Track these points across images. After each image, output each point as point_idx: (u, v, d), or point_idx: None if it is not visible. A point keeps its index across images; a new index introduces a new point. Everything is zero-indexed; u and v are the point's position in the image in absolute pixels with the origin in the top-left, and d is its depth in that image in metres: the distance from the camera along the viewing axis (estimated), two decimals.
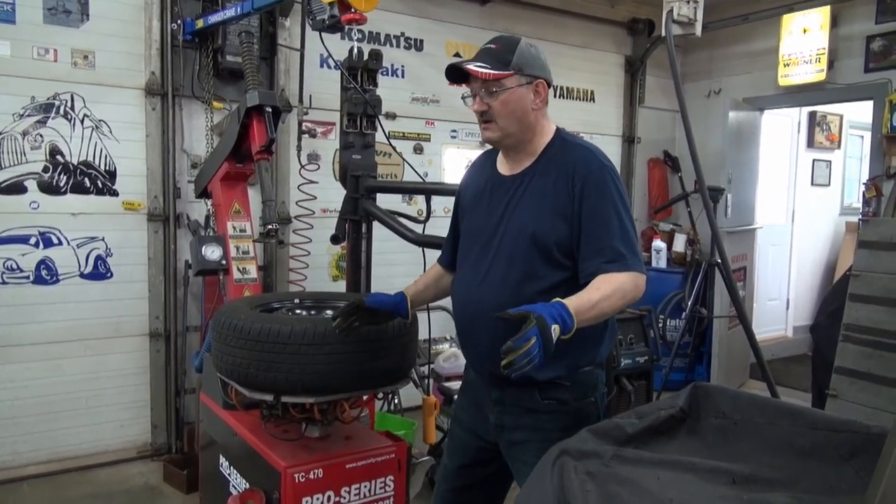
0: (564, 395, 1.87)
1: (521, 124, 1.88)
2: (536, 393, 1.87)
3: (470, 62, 1.85)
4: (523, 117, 1.87)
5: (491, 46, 1.88)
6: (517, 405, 1.91)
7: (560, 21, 5.64)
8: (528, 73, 1.86)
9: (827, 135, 7.15)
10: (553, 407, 1.87)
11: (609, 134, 6.12)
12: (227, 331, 2.20)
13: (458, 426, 2.13)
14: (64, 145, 3.78)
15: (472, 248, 1.98)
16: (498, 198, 1.94)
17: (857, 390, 3.64)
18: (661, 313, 5.63)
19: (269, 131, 3.09)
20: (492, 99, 1.85)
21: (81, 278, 3.87)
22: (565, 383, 1.87)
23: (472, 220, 2.02)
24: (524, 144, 1.92)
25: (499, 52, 1.85)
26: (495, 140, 1.91)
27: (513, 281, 1.84)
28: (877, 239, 3.70)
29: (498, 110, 1.85)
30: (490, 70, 1.81)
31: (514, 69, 1.83)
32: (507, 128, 1.87)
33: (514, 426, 1.91)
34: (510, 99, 1.84)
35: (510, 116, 1.86)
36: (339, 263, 4.64)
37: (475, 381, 2.05)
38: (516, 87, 1.84)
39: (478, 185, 2.04)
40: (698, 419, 1.51)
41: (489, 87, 1.84)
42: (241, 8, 3.49)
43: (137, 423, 4.09)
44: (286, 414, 2.31)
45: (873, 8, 5.10)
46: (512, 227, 1.87)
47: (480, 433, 2.03)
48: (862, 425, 1.29)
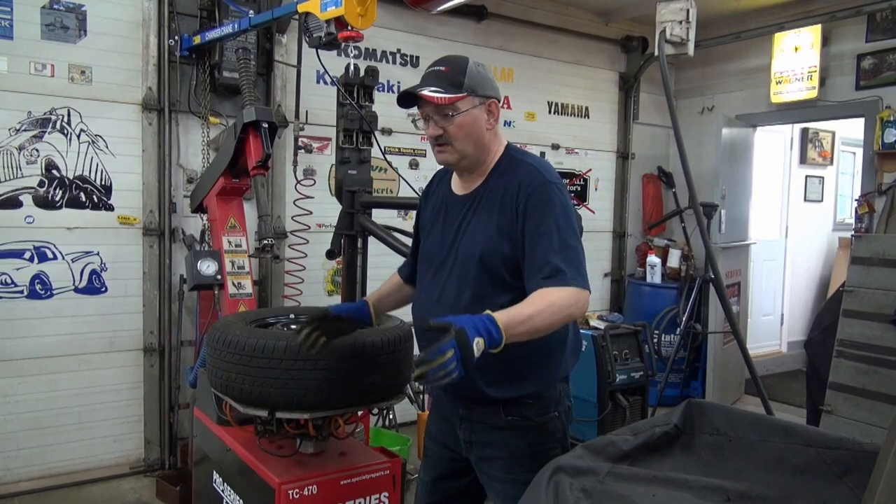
0: (527, 411, 1.88)
1: (476, 145, 1.87)
2: (500, 410, 1.88)
3: (421, 87, 1.82)
4: (479, 138, 1.87)
5: (440, 69, 1.86)
6: (483, 422, 1.92)
7: (554, 38, 5.70)
8: (481, 93, 1.86)
9: (819, 151, 7.21)
10: (517, 423, 1.88)
11: (603, 150, 6.16)
12: (221, 346, 2.19)
13: (431, 440, 2.15)
14: (60, 160, 3.79)
15: (428, 269, 2.00)
16: (451, 219, 1.95)
17: (851, 406, 3.64)
18: (657, 328, 5.63)
19: (266, 147, 3.10)
20: (446, 122, 1.83)
21: (76, 293, 3.86)
22: (528, 400, 1.88)
23: (427, 241, 2.04)
24: (479, 165, 1.92)
25: (449, 75, 1.83)
26: (452, 163, 1.90)
27: (464, 303, 1.83)
28: (869, 255, 3.73)
29: (454, 133, 1.84)
30: (444, 94, 1.80)
31: (467, 91, 1.82)
32: (463, 150, 1.86)
33: (482, 442, 1.93)
34: (465, 121, 1.83)
35: (466, 139, 1.85)
36: (335, 278, 4.65)
37: (443, 397, 2.06)
38: (470, 108, 1.83)
39: (435, 203, 2.06)
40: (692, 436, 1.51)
41: (443, 111, 1.83)
42: (238, 25, 3.52)
43: (131, 439, 4.07)
44: (280, 429, 2.30)
45: (863, 27, 5.17)
46: (463, 249, 1.88)
47: (452, 446, 2.04)
48: (855, 442, 1.30)
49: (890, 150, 4.91)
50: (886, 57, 5.04)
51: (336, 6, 2.66)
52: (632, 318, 5.34)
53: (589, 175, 6.06)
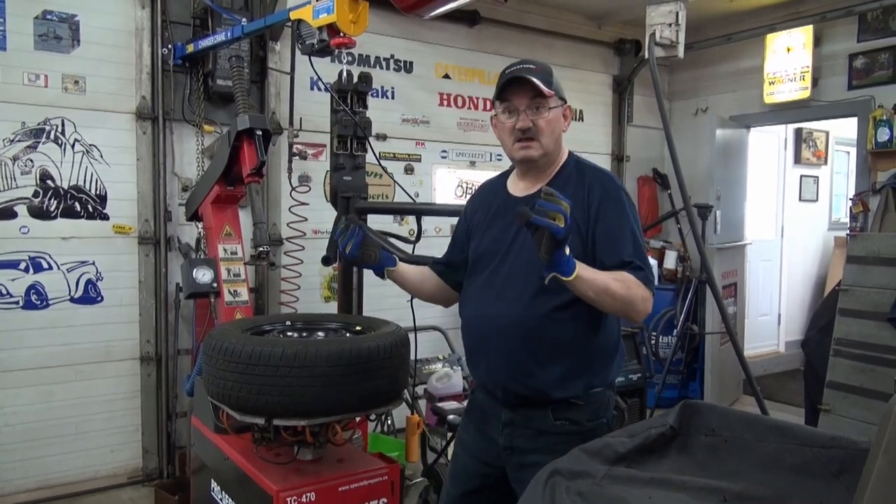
0: (578, 415, 1.85)
1: (556, 144, 1.92)
2: (549, 413, 1.85)
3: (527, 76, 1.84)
4: (558, 138, 1.92)
5: (531, 66, 1.89)
6: (528, 426, 1.88)
7: (548, 42, 5.71)
8: (561, 96, 1.91)
9: (813, 151, 7.24)
10: (566, 428, 1.85)
11: (598, 152, 6.17)
12: (217, 354, 2.19)
13: (463, 451, 2.10)
14: (54, 170, 3.79)
15: (485, 268, 1.98)
16: (511, 218, 1.95)
17: (849, 405, 3.65)
18: (654, 330, 5.64)
19: (260, 154, 3.11)
20: (537, 116, 1.86)
21: (72, 302, 3.85)
22: (579, 403, 1.86)
23: (483, 242, 2.02)
24: (547, 165, 1.94)
25: (541, 74, 1.87)
26: (535, 158, 1.90)
27: (528, 296, 1.83)
28: (865, 254, 3.74)
29: (542, 128, 1.86)
30: (545, 87, 1.84)
31: (555, 90, 1.87)
32: (548, 146, 1.89)
33: (526, 449, 1.88)
34: (553, 118, 1.88)
35: (551, 135, 1.89)
36: (331, 284, 4.64)
37: (484, 402, 2.01)
38: (556, 107, 1.89)
39: (489, 207, 2.05)
40: (689, 437, 1.51)
41: (536, 105, 1.86)
42: (231, 33, 3.52)
43: (128, 448, 4.05)
44: (278, 437, 2.30)
45: (855, 27, 5.20)
46: (528, 243, 1.85)
47: (485, 458, 1.99)
48: (850, 441, 1.30)
49: (883, 149, 4.93)
50: (878, 56, 5.07)
51: (328, 13, 2.67)
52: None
53: None
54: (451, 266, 2.15)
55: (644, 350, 4.53)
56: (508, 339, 1.85)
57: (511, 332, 1.85)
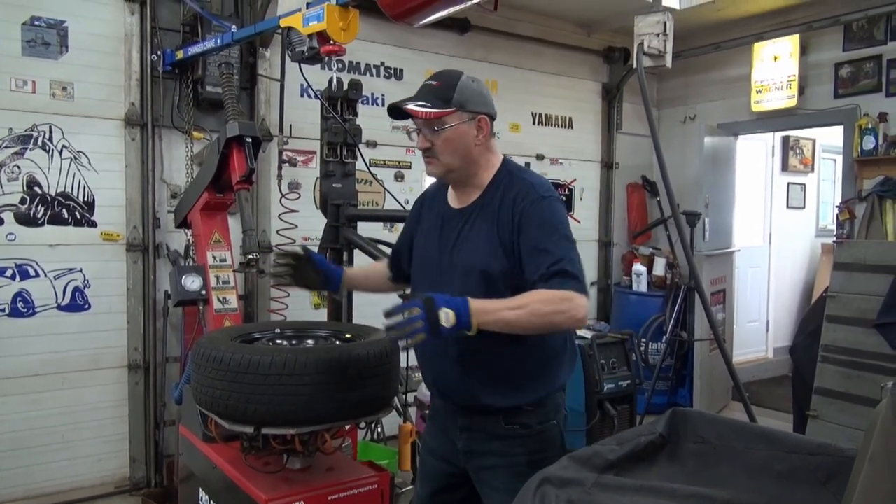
0: (528, 419, 1.90)
1: (464, 160, 1.90)
2: (501, 419, 1.90)
3: (411, 101, 1.87)
4: (466, 153, 1.90)
5: (432, 83, 1.90)
6: (483, 431, 1.93)
7: (537, 49, 5.74)
8: (471, 108, 1.88)
9: (800, 159, 7.30)
10: (517, 432, 1.90)
11: (588, 160, 6.20)
12: (206, 362, 2.18)
13: (428, 453, 2.15)
14: (42, 176, 3.76)
15: (423, 281, 2.01)
16: (447, 232, 1.97)
17: (836, 411, 3.67)
18: (643, 337, 5.66)
19: (249, 161, 3.09)
20: (434, 136, 1.87)
21: (59, 310, 3.82)
22: (528, 408, 1.90)
23: (423, 253, 2.05)
24: (469, 178, 1.95)
25: (439, 90, 1.87)
26: (438, 175, 1.95)
27: None
28: (851, 261, 3.77)
29: (440, 147, 1.88)
30: (430, 109, 1.84)
31: (456, 106, 1.86)
32: (449, 164, 1.90)
33: (482, 452, 1.94)
34: (452, 136, 1.87)
35: (453, 153, 1.88)
36: (321, 292, 4.62)
37: (441, 407, 2.07)
38: (458, 123, 1.87)
39: (430, 215, 2.08)
40: (678, 444, 1.52)
41: (431, 125, 1.87)
42: (220, 39, 3.52)
43: (116, 457, 4.02)
44: (267, 446, 2.29)
45: (840, 36, 5.25)
46: (460, 262, 1.90)
47: (449, 458, 2.05)
48: (837, 448, 1.31)
49: (869, 157, 4.98)
50: (863, 65, 5.12)
51: (318, 21, 2.67)
52: (619, 327, 5.36)
53: (574, 185, 6.10)
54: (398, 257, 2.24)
55: (633, 357, 4.54)
56: (443, 358, 1.90)
57: (448, 354, 1.89)
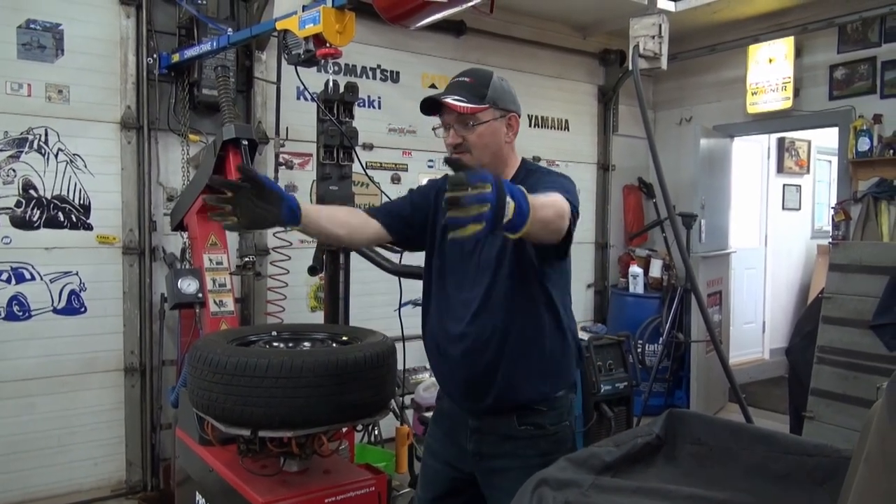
0: (541, 420, 1.90)
1: (494, 157, 1.91)
2: (514, 419, 1.89)
3: (446, 95, 1.87)
4: (497, 150, 1.92)
5: (465, 80, 1.91)
6: (495, 433, 1.92)
7: (533, 52, 5.75)
8: (502, 106, 1.91)
9: (796, 160, 7.32)
10: (530, 433, 1.89)
11: (584, 162, 6.21)
12: (202, 365, 2.17)
13: (431, 456, 2.14)
14: (37, 179, 3.75)
15: (444, 280, 2.00)
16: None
17: (833, 412, 3.67)
18: (640, 338, 5.66)
19: (246, 164, 3.09)
20: (467, 131, 1.88)
21: (54, 313, 3.81)
22: (542, 408, 1.90)
23: (442, 254, 2.03)
24: None
25: (473, 86, 1.88)
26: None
27: (483, 310, 1.86)
28: (847, 262, 3.77)
29: (474, 142, 1.88)
30: (467, 104, 1.85)
31: (489, 103, 1.87)
32: (481, 159, 1.89)
33: (493, 454, 1.92)
34: (486, 132, 1.88)
35: (485, 149, 1.89)
36: (318, 294, 4.62)
37: (450, 410, 2.05)
38: (491, 120, 1.88)
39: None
40: (674, 446, 1.52)
41: (465, 120, 1.87)
42: (216, 42, 3.51)
43: (112, 461, 4.00)
44: (263, 448, 2.29)
45: (835, 38, 5.28)
46: (481, 260, 1.89)
47: (454, 463, 2.03)
48: (833, 449, 1.31)
49: (864, 159, 5.00)
50: (858, 67, 5.14)
51: (314, 24, 2.67)
52: (615, 329, 5.37)
53: None
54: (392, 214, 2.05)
55: (630, 358, 4.55)
56: (462, 353, 1.89)
57: (465, 346, 1.89)
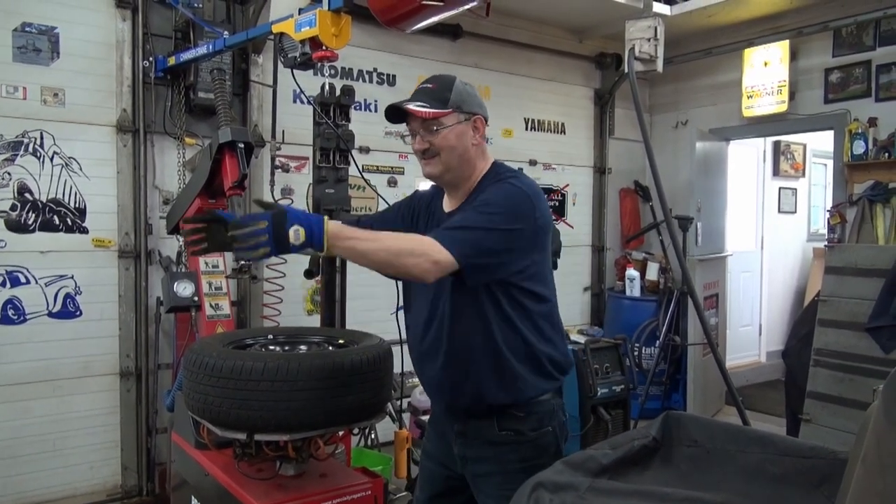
0: (520, 425, 1.89)
1: (461, 159, 1.92)
2: (494, 424, 1.90)
3: (409, 102, 1.89)
4: (464, 153, 1.92)
5: (428, 86, 1.93)
6: (478, 437, 1.93)
7: (529, 56, 5.75)
8: (467, 110, 1.92)
9: (792, 163, 7.34)
10: (511, 438, 1.89)
11: (581, 165, 6.22)
12: (198, 368, 2.17)
13: (427, 458, 2.16)
14: (32, 183, 3.74)
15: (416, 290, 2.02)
16: None
17: (829, 414, 3.67)
18: (637, 341, 5.66)
19: (242, 167, 3.09)
20: (432, 136, 1.89)
21: (50, 317, 3.79)
22: (520, 414, 1.89)
23: None
24: (463, 180, 1.96)
25: (436, 91, 1.90)
26: (437, 175, 1.94)
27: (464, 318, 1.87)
28: (843, 265, 3.78)
29: (440, 146, 1.89)
30: (429, 109, 1.86)
31: (453, 107, 1.89)
32: (448, 162, 1.91)
33: (476, 458, 1.94)
34: (450, 135, 1.89)
35: (451, 151, 1.90)
36: (314, 297, 4.62)
37: (439, 413, 2.08)
38: (455, 123, 1.90)
39: (427, 216, 2.09)
40: (671, 448, 1.52)
41: (429, 126, 1.88)
42: (213, 45, 3.51)
43: (107, 465, 3.98)
44: (259, 452, 2.28)
45: (830, 42, 5.29)
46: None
47: (448, 464, 2.05)
48: (829, 451, 1.31)
49: (859, 162, 5.01)
50: (853, 71, 5.16)
51: (310, 26, 2.67)
52: (612, 332, 5.36)
53: (567, 190, 6.11)
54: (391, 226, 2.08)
55: (627, 361, 4.55)
56: (438, 359, 1.91)
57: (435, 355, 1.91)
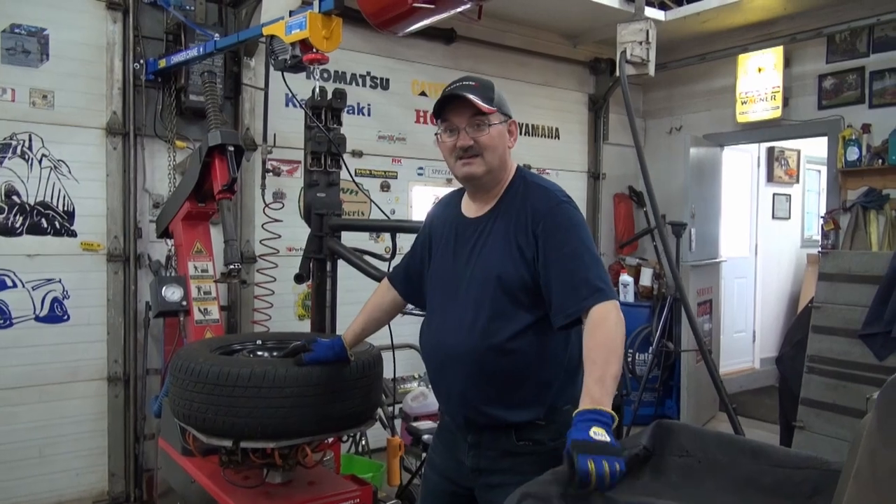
0: (540, 435, 1.83)
1: (500, 160, 1.88)
2: (512, 435, 1.83)
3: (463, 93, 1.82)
4: (503, 154, 1.88)
5: (470, 83, 1.86)
6: (494, 448, 1.86)
7: (523, 60, 5.75)
8: (505, 112, 1.88)
9: (786, 169, 7.34)
10: (529, 448, 1.83)
11: (575, 170, 6.21)
12: (183, 374, 2.14)
13: (432, 469, 2.08)
14: (20, 185, 3.70)
15: (438, 293, 1.96)
16: (463, 242, 1.93)
17: (823, 422, 3.66)
18: (630, 347, 5.63)
19: (231, 170, 3.06)
20: (478, 133, 1.83)
21: (37, 321, 3.75)
22: (541, 423, 1.83)
23: (438, 264, 1.99)
24: (496, 183, 1.91)
25: (479, 90, 1.84)
26: (479, 175, 1.86)
27: (481, 326, 1.81)
28: (836, 271, 3.77)
29: (485, 144, 1.83)
30: (485, 104, 1.81)
31: (497, 107, 1.85)
32: (491, 162, 1.85)
33: (492, 469, 1.86)
34: (496, 134, 1.85)
35: (495, 151, 1.85)
36: (306, 302, 4.58)
37: (450, 425, 2.00)
38: (498, 123, 1.86)
39: (444, 226, 2.02)
40: (662, 458, 1.49)
41: (477, 122, 1.83)
42: (203, 48, 3.49)
43: (94, 472, 3.94)
44: (246, 460, 2.25)
45: (823, 48, 5.30)
46: (478, 271, 1.85)
47: (454, 478, 1.97)
48: (822, 462, 1.29)
49: (853, 168, 5.00)
50: (846, 77, 5.16)
51: (300, 29, 2.65)
52: None
53: None
54: (411, 280, 2.12)
55: None
56: (462, 371, 1.83)
57: (464, 365, 1.83)
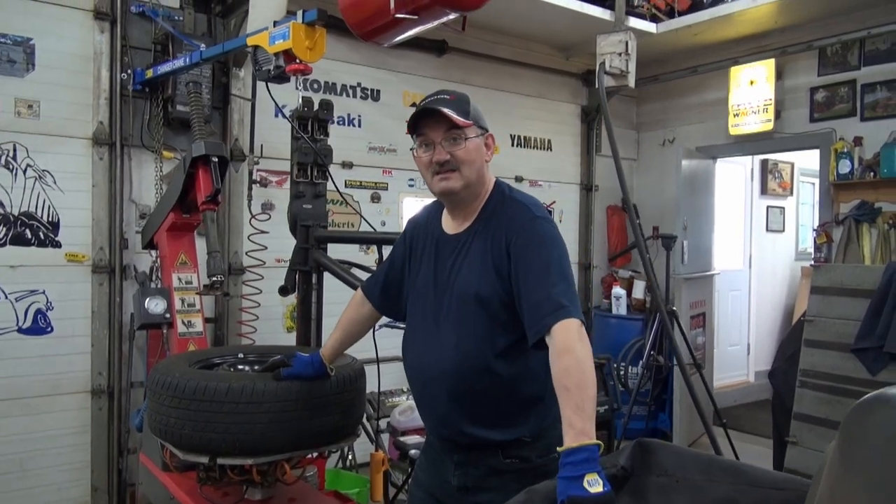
0: (527, 452, 1.81)
1: (478, 175, 1.85)
2: (499, 453, 1.81)
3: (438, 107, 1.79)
4: (480, 168, 1.85)
5: (445, 97, 1.84)
6: (480, 466, 1.83)
7: (515, 72, 5.74)
8: (482, 125, 1.86)
9: (779, 182, 7.34)
10: (516, 466, 1.80)
11: (567, 182, 6.19)
12: (160, 388, 2.10)
13: (417, 487, 2.05)
14: (4, 196, 3.67)
15: (419, 311, 1.92)
16: (443, 259, 1.90)
17: (815, 436, 3.62)
18: (622, 360, 5.60)
19: (215, 181, 3.03)
20: (455, 147, 1.80)
21: (19, 333, 3.70)
22: (527, 440, 1.81)
23: (419, 281, 1.96)
24: (473, 198, 1.88)
25: (455, 103, 1.82)
26: (457, 189, 1.83)
27: (464, 346, 1.78)
28: (828, 285, 3.74)
29: (462, 158, 1.80)
30: (460, 117, 1.79)
31: (473, 120, 1.83)
32: (468, 177, 1.82)
33: (478, 488, 1.83)
34: (472, 148, 1.82)
35: (472, 165, 1.82)
36: (294, 314, 4.53)
37: (435, 444, 1.97)
38: (474, 137, 1.83)
39: (425, 241, 1.99)
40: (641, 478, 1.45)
41: (453, 136, 1.80)
42: (190, 58, 3.46)
43: (77, 486, 3.88)
44: (224, 476, 2.20)
45: (815, 61, 5.31)
46: (458, 290, 1.82)
47: (439, 496, 1.94)
48: (803, 483, 1.25)
49: (845, 181, 4.99)
50: (838, 90, 5.16)
51: (284, 39, 2.63)
52: (599, 351, 5.28)
53: (553, 207, 6.06)
54: (388, 292, 2.07)
55: (611, 381, 4.48)
56: (445, 392, 1.80)
57: (447, 386, 1.80)
